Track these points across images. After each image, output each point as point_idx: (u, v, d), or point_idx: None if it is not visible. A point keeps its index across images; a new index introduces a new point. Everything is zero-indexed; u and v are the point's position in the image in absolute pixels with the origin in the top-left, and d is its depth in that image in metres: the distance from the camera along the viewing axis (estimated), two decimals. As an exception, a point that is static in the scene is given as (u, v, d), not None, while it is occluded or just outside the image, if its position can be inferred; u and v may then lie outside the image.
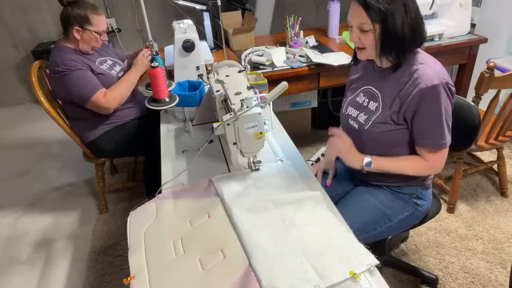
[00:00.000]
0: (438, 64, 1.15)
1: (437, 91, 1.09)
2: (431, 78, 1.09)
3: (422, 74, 1.11)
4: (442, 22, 2.32)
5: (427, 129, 1.16)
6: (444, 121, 1.14)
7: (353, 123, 1.30)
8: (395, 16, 1.06)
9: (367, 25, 1.09)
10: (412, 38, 1.11)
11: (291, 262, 0.91)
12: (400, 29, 1.08)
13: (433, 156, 1.19)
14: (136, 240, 1.05)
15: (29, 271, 1.92)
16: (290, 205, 1.09)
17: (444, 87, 1.11)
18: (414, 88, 1.12)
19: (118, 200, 2.36)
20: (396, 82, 1.17)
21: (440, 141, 1.16)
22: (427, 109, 1.12)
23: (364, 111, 1.26)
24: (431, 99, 1.10)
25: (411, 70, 1.14)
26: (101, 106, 1.79)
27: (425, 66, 1.12)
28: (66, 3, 1.75)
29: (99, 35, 1.82)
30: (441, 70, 1.13)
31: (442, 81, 1.10)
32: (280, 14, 3.03)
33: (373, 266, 0.89)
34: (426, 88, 1.09)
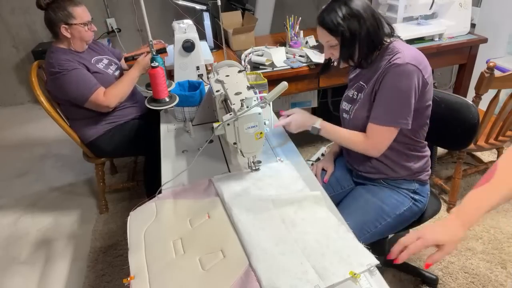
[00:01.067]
0: (413, 51, 1.20)
1: (400, 69, 1.14)
2: (398, 60, 1.16)
3: (394, 58, 1.18)
4: (442, 22, 2.33)
5: (377, 103, 1.20)
6: (397, 99, 1.17)
7: (346, 116, 1.37)
8: (350, 27, 1.17)
9: (331, 41, 1.23)
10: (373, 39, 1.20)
11: (291, 262, 0.91)
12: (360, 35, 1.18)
13: (373, 132, 1.23)
14: (136, 240, 1.05)
15: (29, 271, 1.92)
16: (290, 206, 1.09)
17: (410, 69, 1.14)
18: (384, 70, 1.18)
19: (118, 200, 2.36)
20: (375, 72, 1.23)
21: (384, 116, 1.19)
22: (385, 84, 1.18)
23: (352, 103, 1.33)
24: (392, 75, 1.16)
25: (386, 59, 1.21)
26: (101, 104, 1.79)
27: (397, 52, 1.19)
28: (44, 5, 1.75)
29: (86, 26, 1.81)
30: (412, 54, 1.17)
31: (408, 62, 1.14)
32: (280, 14, 3.04)
33: (373, 266, 0.89)
34: (391, 66, 1.16)
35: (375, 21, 1.19)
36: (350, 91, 1.37)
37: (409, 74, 1.15)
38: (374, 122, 1.22)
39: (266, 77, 1.72)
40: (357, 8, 1.17)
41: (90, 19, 1.85)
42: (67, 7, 1.75)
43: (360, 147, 1.27)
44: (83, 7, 1.81)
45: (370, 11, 1.19)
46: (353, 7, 1.17)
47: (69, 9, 1.75)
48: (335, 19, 1.17)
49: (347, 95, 1.39)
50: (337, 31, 1.19)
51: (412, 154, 1.31)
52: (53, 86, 1.83)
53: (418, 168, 1.32)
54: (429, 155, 1.37)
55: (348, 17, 1.17)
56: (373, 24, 1.19)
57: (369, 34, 1.18)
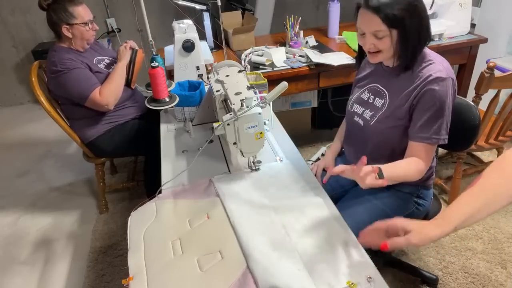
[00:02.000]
0: (446, 62, 1.17)
1: (444, 84, 1.10)
2: (439, 73, 1.11)
3: (431, 69, 1.13)
4: (442, 22, 2.32)
5: (426, 121, 1.13)
6: (443, 116, 1.13)
7: (358, 120, 1.31)
8: (410, 20, 1.06)
9: (383, 31, 1.08)
10: (424, 38, 1.13)
11: (289, 268, 0.91)
12: (416, 31, 1.09)
13: (426, 153, 1.15)
14: (136, 240, 1.05)
15: (29, 271, 1.92)
16: (292, 212, 1.08)
17: (451, 83, 1.12)
18: (422, 82, 1.12)
19: (118, 200, 2.36)
20: (406, 79, 1.17)
21: (433, 136, 1.13)
22: (430, 101, 1.11)
23: (369, 108, 1.27)
24: (436, 92, 1.10)
25: (421, 66, 1.15)
26: (99, 103, 1.79)
27: (435, 62, 1.15)
28: (45, 6, 1.75)
29: (87, 25, 1.81)
30: (448, 67, 1.15)
31: (449, 76, 1.12)
32: (280, 14, 3.03)
33: (371, 277, 0.88)
34: (433, 80, 1.10)
35: (427, 20, 1.11)
36: (364, 93, 1.30)
37: (452, 88, 1.12)
38: (426, 142, 1.13)
39: (266, 77, 1.72)
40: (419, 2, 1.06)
41: (92, 18, 1.85)
42: (67, 7, 1.75)
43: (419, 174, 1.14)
44: (84, 6, 1.81)
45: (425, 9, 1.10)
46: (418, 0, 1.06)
47: (69, 9, 1.75)
48: (397, 7, 1.03)
49: (359, 97, 1.31)
50: (396, 22, 1.05)
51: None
52: (54, 84, 1.83)
53: (426, 177, 1.30)
54: (435, 164, 1.34)
55: (411, 8, 1.05)
56: (427, 21, 1.10)
57: (425, 30, 1.10)
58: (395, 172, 1.10)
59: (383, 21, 1.05)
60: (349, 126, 1.39)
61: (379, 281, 0.87)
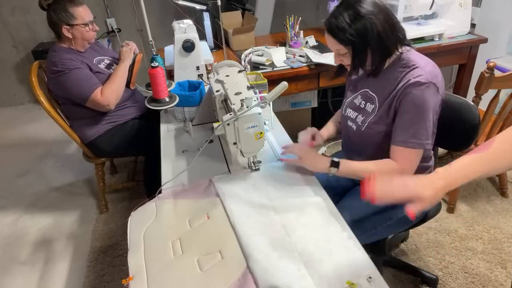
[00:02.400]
0: (431, 65, 1.15)
1: (422, 89, 1.10)
2: (418, 77, 1.11)
3: (412, 74, 1.12)
4: (442, 22, 2.32)
5: (402, 125, 1.14)
6: (422, 121, 1.11)
7: (351, 125, 1.32)
8: (362, 39, 1.10)
9: (342, 49, 1.16)
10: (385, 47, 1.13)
11: (289, 268, 0.91)
12: (373, 46, 1.11)
13: (401, 156, 1.14)
14: (136, 240, 1.05)
15: (29, 271, 1.92)
16: (292, 212, 1.08)
17: (432, 89, 1.10)
18: (402, 87, 1.13)
19: (118, 200, 2.36)
20: (391, 84, 1.18)
21: (410, 139, 1.12)
22: (407, 106, 1.12)
23: (361, 113, 1.28)
24: (416, 96, 1.10)
25: (401, 71, 1.15)
26: (100, 103, 1.79)
27: (417, 67, 1.13)
28: (46, 6, 1.75)
29: (87, 26, 1.81)
30: (431, 71, 1.13)
31: (430, 80, 1.10)
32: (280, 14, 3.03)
33: (371, 277, 0.88)
34: (412, 85, 1.11)
35: (387, 24, 1.10)
36: (356, 99, 1.31)
37: (433, 94, 1.10)
38: (401, 145, 1.14)
39: (266, 77, 1.72)
40: (366, 11, 1.07)
41: (92, 19, 1.84)
42: (68, 8, 1.75)
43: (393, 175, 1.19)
44: (84, 6, 1.81)
45: (383, 12, 1.09)
46: (362, 10, 1.07)
47: (70, 9, 1.75)
48: (343, 26, 1.09)
49: (352, 102, 1.33)
50: (346, 40, 1.11)
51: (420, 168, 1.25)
52: (54, 84, 1.83)
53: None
54: (432, 164, 1.34)
55: (357, 22, 1.08)
56: (386, 28, 1.09)
57: (381, 39, 1.10)
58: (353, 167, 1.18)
59: (337, 41, 1.14)
60: (344, 129, 1.40)
61: (379, 281, 0.87)
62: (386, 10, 1.11)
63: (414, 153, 1.15)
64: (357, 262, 0.92)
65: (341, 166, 1.17)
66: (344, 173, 1.19)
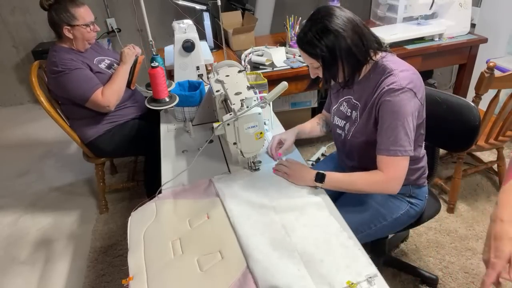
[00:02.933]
0: (406, 71, 1.13)
1: (397, 95, 1.09)
2: (392, 84, 1.10)
3: (387, 81, 1.12)
4: (442, 22, 2.32)
5: (382, 133, 1.13)
6: (401, 126, 1.10)
7: (340, 132, 1.33)
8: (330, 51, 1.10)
9: (315, 63, 1.16)
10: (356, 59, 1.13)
11: (289, 268, 0.91)
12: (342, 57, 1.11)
13: (387, 164, 1.13)
14: (136, 240, 1.05)
15: (29, 271, 1.92)
16: (292, 212, 1.09)
17: (408, 94, 1.09)
18: (379, 95, 1.13)
19: (118, 200, 2.36)
20: (367, 92, 1.18)
21: (392, 147, 1.11)
22: (385, 113, 1.11)
23: (348, 121, 1.29)
24: (392, 103, 1.09)
25: (378, 79, 1.15)
26: (100, 104, 1.79)
27: (392, 74, 1.12)
28: (47, 6, 1.75)
29: (88, 27, 1.81)
30: (406, 76, 1.11)
31: (405, 86, 1.09)
32: (280, 14, 3.03)
33: (372, 277, 0.88)
34: (386, 92, 1.10)
35: (357, 36, 1.10)
36: (342, 106, 1.31)
37: (409, 99, 1.09)
38: (384, 154, 1.13)
39: (266, 77, 1.72)
40: (334, 25, 1.08)
41: (93, 19, 1.84)
42: (69, 8, 1.75)
43: (381, 185, 1.15)
44: (86, 7, 1.81)
45: (351, 25, 1.09)
46: (330, 25, 1.08)
47: (71, 10, 1.75)
48: (312, 41, 1.10)
49: (339, 110, 1.33)
50: (316, 54, 1.12)
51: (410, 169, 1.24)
52: (55, 85, 1.83)
53: (415, 178, 1.31)
54: (424, 164, 1.34)
55: (325, 37, 1.09)
56: (355, 40, 1.09)
57: (351, 52, 1.10)
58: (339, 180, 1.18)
59: (308, 55, 1.15)
60: (334, 136, 1.41)
61: (379, 281, 0.87)
62: (354, 21, 1.11)
63: (398, 160, 1.12)
64: (357, 262, 0.92)
65: (327, 179, 1.17)
66: (330, 186, 1.18)
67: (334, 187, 1.19)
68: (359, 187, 1.17)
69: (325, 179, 1.17)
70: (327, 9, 1.11)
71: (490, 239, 0.83)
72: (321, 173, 1.18)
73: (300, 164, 1.26)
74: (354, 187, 1.18)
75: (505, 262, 0.79)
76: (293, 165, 1.25)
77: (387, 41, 2.20)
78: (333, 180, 1.18)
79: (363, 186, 1.17)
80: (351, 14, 1.13)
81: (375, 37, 1.16)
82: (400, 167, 1.13)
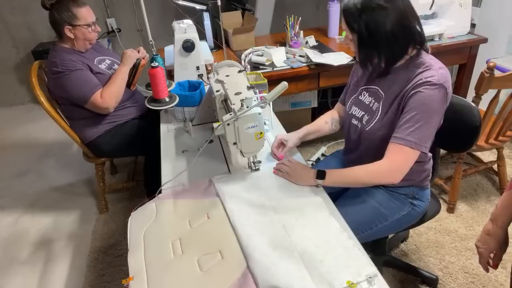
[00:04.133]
0: (444, 70, 1.12)
1: (432, 89, 1.07)
2: (430, 78, 1.08)
3: (424, 75, 1.10)
4: (442, 22, 2.32)
5: (404, 122, 1.09)
6: (427, 123, 1.07)
7: (356, 123, 1.28)
8: (368, 29, 1.06)
9: (349, 35, 1.12)
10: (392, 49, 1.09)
11: (289, 268, 0.91)
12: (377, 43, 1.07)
13: (396, 153, 1.08)
14: (136, 240, 1.05)
15: (29, 271, 1.92)
16: (292, 212, 1.09)
17: (442, 91, 1.08)
18: (412, 86, 1.10)
19: (118, 200, 2.36)
20: (398, 83, 1.15)
21: (411, 138, 1.06)
22: (413, 103, 1.08)
23: (368, 112, 1.24)
24: (426, 96, 1.07)
25: (414, 71, 1.12)
26: (99, 106, 1.79)
27: (430, 68, 1.11)
28: (49, 5, 1.75)
29: (90, 27, 1.81)
30: (444, 74, 1.10)
31: (441, 82, 1.08)
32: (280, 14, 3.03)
33: (372, 276, 0.88)
34: (422, 83, 1.08)
35: (401, 27, 1.05)
36: (364, 96, 1.25)
37: (442, 97, 1.07)
38: (398, 142, 1.08)
39: (266, 77, 1.72)
40: (384, 6, 1.02)
41: (95, 20, 1.84)
42: (71, 8, 1.75)
43: (383, 175, 1.11)
44: (87, 7, 1.81)
45: (399, 9, 1.03)
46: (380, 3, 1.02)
47: (73, 10, 1.75)
48: (353, 11, 1.04)
49: (358, 99, 1.28)
50: (352, 27, 1.06)
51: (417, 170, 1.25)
52: (54, 85, 1.83)
53: (420, 179, 1.30)
54: (430, 166, 1.32)
55: (366, 13, 1.02)
56: (398, 31, 1.04)
57: (389, 41, 1.05)
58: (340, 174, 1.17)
59: (347, 25, 1.11)
60: (346, 127, 1.36)
61: (379, 281, 0.87)
62: (404, 7, 1.06)
63: (409, 152, 1.08)
64: (357, 262, 0.92)
65: (328, 176, 1.16)
66: (331, 182, 1.17)
67: (335, 183, 1.17)
68: (360, 178, 1.15)
69: (326, 175, 1.16)
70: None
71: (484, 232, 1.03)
72: (321, 170, 1.17)
73: (300, 164, 1.25)
74: (355, 178, 1.16)
75: (489, 253, 1.03)
76: (294, 165, 1.24)
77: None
78: (334, 176, 1.17)
79: (365, 176, 1.15)
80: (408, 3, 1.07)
81: (421, 34, 1.12)
82: (407, 160, 1.10)
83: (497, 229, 1.00)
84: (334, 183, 1.18)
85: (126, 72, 1.87)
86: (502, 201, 1.00)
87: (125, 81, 1.87)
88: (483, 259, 1.04)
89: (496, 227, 1.00)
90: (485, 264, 1.05)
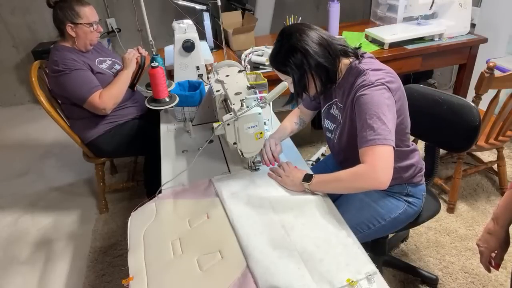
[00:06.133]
0: (382, 71, 1.15)
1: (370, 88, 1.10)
2: (365, 81, 1.12)
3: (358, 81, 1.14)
4: (442, 22, 2.32)
5: (360, 127, 1.11)
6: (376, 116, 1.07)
7: (330, 136, 1.34)
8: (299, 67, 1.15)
9: (290, 79, 1.19)
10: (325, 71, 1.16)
11: (289, 267, 0.91)
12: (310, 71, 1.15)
13: (368, 156, 1.08)
14: (136, 240, 1.05)
15: (29, 271, 1.92)
16: (291, 211, 1.09)
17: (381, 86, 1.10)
18: (354, 95, 1.14)
19: (118, 200, 2.36)
20: (346, 94, 1.20)
21: (369, 137, 1.07)
22: (359, 108, 1.11)
23: (336, 124, 1.29)
24: (362, 97, 1.10)
25: (352, 80, 1.17)
26: (97, 106, 1.79)
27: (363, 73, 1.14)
28: (52, 3, 1.76)
29: (92, 27, 1.81)
30: (376, 73, 1.13)
31: (377, 79, 1.10)
32: (280, 14, 3.04)
33: (371, 274, 0.88)
34: (360, 87, 1.12)
35: (323, 48, 1.14)
36: (333, 109, 1.30)
37: (381, 93, 1.09)
38: (364, 146, 1.08)
39: (266, 77, 1.72)
40: (300, 43, 1.13)
41: (97, 20, 1.85)
42: (74, 6, 1.76)
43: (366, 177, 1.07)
44: (91, 7, 1.82)
45: (316, 39, 1.14)
46: (296, 43, 1.13)
47: (76, 8, 1.76)
48: (282, 61, 1.16)
49: (328, 112, 1.32)
50: (288, 72, 1.17)
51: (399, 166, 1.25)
52: (54, 83, 1.83)
53: (408, 176, 1.30)
54: (416, 161, 1.32)
55: (293, 56, 1.14)
56: (322, 52, 1.14)
57: (319, 64, 1.14)
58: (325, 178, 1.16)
59: (280, 73, 1.21)
60: (326, 139, 1.41)
61: (379, 280, 0.87)
62: (319, 35, 1.15)
63: (379, 149, 1.06)
64: (356, 260, 0.92)
65: (314, 179, 1.16)
66: (317, 186, 1.16)
67: (321, 189, 1.16)
68: (345, 184, 1.12)
69: (312, 179, 1.16)
70: (291, 28, 1.16)
71: (486, 231, 1.04)
72: (309, 174, 1.18)
73: (296, 170, 1.24)
74: (340, 183, 1.13)
75: (490, 253, 1.04)
76: (286, 169, 1.25)
77: (387, 41, 2.20)
78: (320, 180, 1.16)
79: (348, 182, 1.11)
80: (315, 28, 1.17)
81: (343, 45, 1.19)
82: (382, 156, 1.06)
83: (498, 229, 1.01)
84: (320, 189, 1.17)
85: (129, 75, 1.87)
86: (504, 201, 1.01)
87: (127, 84, 1.88)
88: (484, 259, 1.05)
89: (497, 226, 1.01)
90: (486, 264, 1.06)
